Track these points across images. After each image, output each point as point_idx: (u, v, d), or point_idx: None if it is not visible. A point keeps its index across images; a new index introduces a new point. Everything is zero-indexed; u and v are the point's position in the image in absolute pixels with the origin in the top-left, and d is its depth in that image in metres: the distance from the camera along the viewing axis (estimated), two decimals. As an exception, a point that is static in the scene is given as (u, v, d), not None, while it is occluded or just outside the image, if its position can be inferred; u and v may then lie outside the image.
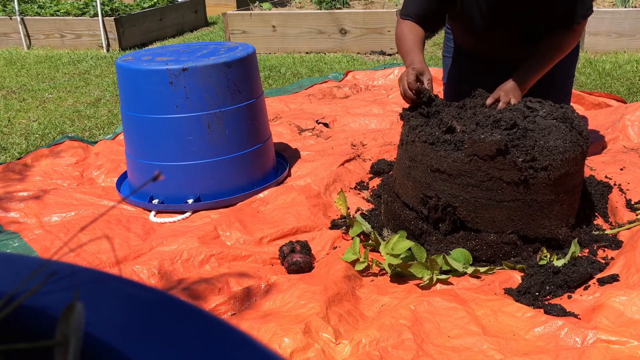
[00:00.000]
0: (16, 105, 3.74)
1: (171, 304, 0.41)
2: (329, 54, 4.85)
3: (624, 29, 4.17)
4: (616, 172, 2.21)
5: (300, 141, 2.84)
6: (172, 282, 1.73)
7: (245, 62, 2.22)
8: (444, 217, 1.74)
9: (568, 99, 2.44)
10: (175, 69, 2.08)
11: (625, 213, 1.93)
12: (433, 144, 1.72)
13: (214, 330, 0.39)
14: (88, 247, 1.90)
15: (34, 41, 5.54)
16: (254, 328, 1.45)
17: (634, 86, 3.42)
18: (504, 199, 1.67)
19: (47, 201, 2.26)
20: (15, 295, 0.40)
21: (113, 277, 0.44)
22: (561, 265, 1.64)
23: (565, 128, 1.73)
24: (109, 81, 4.28)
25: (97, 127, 3.27)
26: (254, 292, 1.64)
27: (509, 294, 1.57)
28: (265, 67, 4.42)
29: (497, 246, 1.72)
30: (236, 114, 2.21)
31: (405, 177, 1.83)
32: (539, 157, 1.63)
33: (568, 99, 2.44)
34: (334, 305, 1.51)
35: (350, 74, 3.92)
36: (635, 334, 1.34)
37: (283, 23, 4.95)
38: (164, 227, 2.09)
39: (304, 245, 1.83)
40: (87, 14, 5.50)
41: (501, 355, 1.33)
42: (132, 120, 2.22)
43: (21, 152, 2.90)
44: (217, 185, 2.22)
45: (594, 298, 1.51)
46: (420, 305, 1.49)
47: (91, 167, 2.64)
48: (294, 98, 3.51)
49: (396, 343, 1.37)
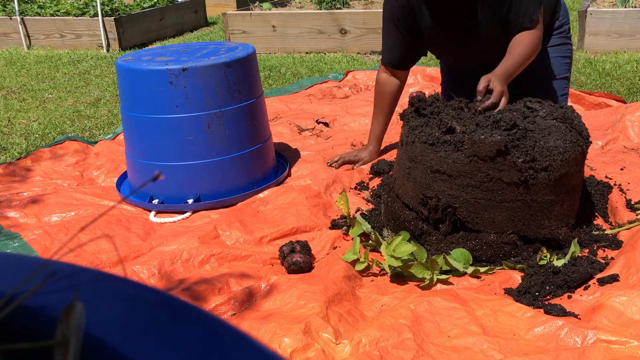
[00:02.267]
0: (16, 105, 3.74)
1: (171, 304, 0.41)
2: (329, 54, 4.85)
3: (624, 29, 4.17)
4: (616, 172, 2.21)
5: (300, 141, 2.84)
6: (172, 282, 1.73)
7: (245, 62, 2.22)
8: (444, 217, 1.74)
9: (564, 99, 2.45)
10: (175, 69, 2.08)
11: (625, 213, 1.93)
12: (433, 145, 1.72)
13: (214, 330, 0.39)
14: (88, 247, 1.90)
15: (34, 41, 5.54)
16: (254, 328, 1.45)
17: (634, 86, 3.42)
18: (504, 200, 1.67)
19: (47, 201, 2.26)
20: (15, 295, 0.40)
21: (113, 277, 0.44)
22: (561, 265, 1.64)
23: (565, 128, 1.73)
24: (109, 81, 4.28)
25: (97, 127, 3.27)
26: (254, 292, 1.64)
27: (509, 294, 1.57)
28: (265, 67, 4.43)
29: (497, 246, 1.72)
30: (236, 114, 2.21)
31: (405, 177, 1.83)
32: (539, 158, 1.63)
33: (564, 99, 2.44)
34: (334, 305, 1.51)
35: (350, 74, 3.92)
36: (635, 334, 1.34)
37: (283, 23, 4.95)
38: (164, 227, 2.09)
39: (304, 245, 1.83)
40: (87, 14, 5.50)
41: (501, 355, 1.33)
42: (132, 120, 2.22)
43: (21, 152, 2.90)
44: (217, 185, 2.22)
45: (594, 298, 1.51)
46: (420, 305, 1.49)
47: (91, 167, 2.64)
48: (294, 98, 3.51)
49: (396, 343, 1.37)
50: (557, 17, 2.39)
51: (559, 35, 2.41)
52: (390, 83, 2.48)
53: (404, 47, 2.38)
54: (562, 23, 2.41)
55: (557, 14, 2.38)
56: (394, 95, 2.50)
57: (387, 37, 2.41)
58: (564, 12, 2.41)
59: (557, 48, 2.41)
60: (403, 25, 2.30)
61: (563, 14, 2.41)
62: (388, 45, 2.42)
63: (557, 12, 2.39)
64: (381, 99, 2.51)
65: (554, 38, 2.40)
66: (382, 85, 2.51)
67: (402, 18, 2.29)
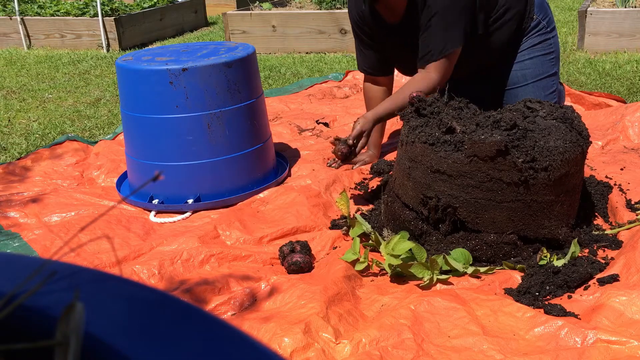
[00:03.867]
0: (16, 105, 3.74)
1: (171, 304, 0.41)
2: (329, 54, 4.85)
3: (624, 29, 4.17)
4: (616, 172, 2.21)
5: (300, 141, 2.84)
6: (172, 282, 1.73)
7: (245, 62, 2.22)
8: (444, 217, 1.74)
9: (553, 97, 2.45)
10: (175, 69, 2.08)
11: (625, 213, 1.93)
12: (433, 145, 1.72)
13: (214, 330, 0.39)
14: (88, 247, 1.90)
15: (34, 41, 5.54)
16: (254, 328, 1.45)
17: (634, 86, 3.42)
18: (504, 200, 1.67)
19: (47, 201, 2.26)
20: (15, 295, 0.40)
21: (113, 277, 0.44)
22: (561, 265, 1.64)
23: (565, 128, 1.73)
24: (109, 81, 4.28)
25: (97, 127, 3.27)
26: (254, 292, 1.64)
27: (509, 294, 1.57)
28: (265, 67, 4.42)
29: (497, 246, 1.72)
30: (236, 114, 2.21)
31: (405, 177, 1.83)
32: (539, 158, 1.63)
33: (553, 96, 2.44)
34: (334, 305, 1.51)
35: (350, 74, 3.92)
36: (635, 334, 1.34)
37: (283, 23, 4.95)
38: (164, 227, 2.09)
39: (304, 245, 1.83)
40: (87, 14, 5.50)
41: (501, 355, 1.33)
42: (132, 120, 2.22)
43: (21, 152, 2.90)
44: (217, 185, 2.22)
45: (594, 298, 1.51)
46: (420, 305, 1.49)
47: (91, 167, 2.64)
48: (294, 98, 3.51)
49: (396, 343, 1.37)
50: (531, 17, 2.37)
51: (537, 34, 2.39)
52: (374, 90, 2.50)
53: (373, 55, 2.41)
54: (539, 20, 2.39)
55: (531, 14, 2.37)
56: (380, 101, 2.48)
57: (357, 44, 2.45)
58: (538, 9, 2.38)
59: (536, 47, 2.40)
60: (365, 34, 2.34)
61: (538, 10, 2.38)
62: (360, 53, 2.46)
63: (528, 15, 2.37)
64: (370, 107, 2.52)
65: (532, 38, 2.40)
66: (367, 93, 2.54)
67: (363, 29, 2.33)
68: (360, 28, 2.35)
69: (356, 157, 2.24)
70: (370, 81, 2.51)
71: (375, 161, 2.50)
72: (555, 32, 2.45)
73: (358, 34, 2.38)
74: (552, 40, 2.43)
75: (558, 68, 2.49)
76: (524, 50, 2.39)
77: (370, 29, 2.31)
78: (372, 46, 2.38)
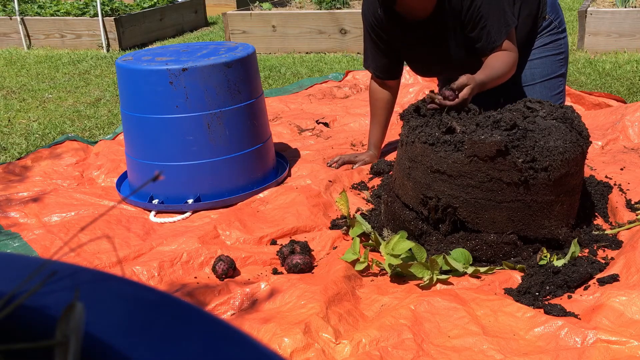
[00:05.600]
0: (16, 105, 3.74)
1: (171, 304, 0.41)
2: (329, 54, 4.85)
3: (624, 29, 4.17)
4: (616, 172, 2.21)
5: (300, 141, 2.84)
6: (172, 282, 1.73)
7: (245, 62, 2.22)
8: (444, 217, 1.74)
9: (559, 98, 2.45)
10: (175, 69, 2.08)
11: (625, 213, 1.93)
12: (433, 145, 1.72)
13: (214, 330, 0.39)
14: (88, 247, 1.90)
15: (34, 41, 5.54)
16: (254, 328, 1.45)
17: (634, 86, 3.42)
18: (504, 200, 1.67)
19: (47, 201, 2.26)
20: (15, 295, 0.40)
21: (113, 277, 0.44)
22: (561, 265, 1.64)
23: (565, 128, 1.73)
24: (109, 81, 4.28)
25: (97, 127, 3.27)
26: (254, 292, 1.64)
27: (509, 294, 1.57)
28: (265, 67, 4.42)
29: (497, 246, 1.72)
30: (236, 114, 2.21)
31: (405, 177, 1.83)
32: (539, 158, 1.63)
33: (558, 97, 2.44)
34: (334, 305, 1.51)
35: (350, 74, 3.92)
36: (635, 334, 1.34)
37: (283, 23, 4.95)
38: (164, 227, 2.09)
39: (304, 246, 1.83)
40: (87, 14, 5.50)
41: (501, 355, 1.33)
42: (132, 120, 2.22)
43: (21, 152, 2.90)
44: (217, 185, 2.22)
45: (594, 298, 1.51)
46: (420, 305, 1.49)
47: (91, 167, 2.64)
48: (294, 98, 3.51)
49: (396, 343, 1.37)
50: (544, 17, 2.37)
51: (548, 34, 2.39)
52: (381, 92, 2.50)
53: (385, 59, 2.40)
54: (551, 20, 2.39)
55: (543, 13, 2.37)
56: (386, 103, 2.51)
57: (368, 47, 2.43)
58: (551, 8, 2.39)
59: (546, 47, 2.40)
60: (381, 38, 2.33)
61: (550, 10, 2.38)
62: (371, 55, 2.44)
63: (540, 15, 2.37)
64: (375, 108, 2.53)
65: (543, 38, 2.39)
66: (374, 94, 2.53)
67: (378, 33, 2.32)
68: (375, 32, 2.33)
69: (462, 105, 1.91)
70: (378, 83, 2.50)
71: (375, 161, 2.49)
72: (565, 33, 2.45)
73: (372, 38, 2.37)
74: (563, 41, 2.43)
75: (566, 69, 2.49)
76: (535, 49, 2.39)
77: (386, 33, 2.30)
78: (385, 51, 2.37)
